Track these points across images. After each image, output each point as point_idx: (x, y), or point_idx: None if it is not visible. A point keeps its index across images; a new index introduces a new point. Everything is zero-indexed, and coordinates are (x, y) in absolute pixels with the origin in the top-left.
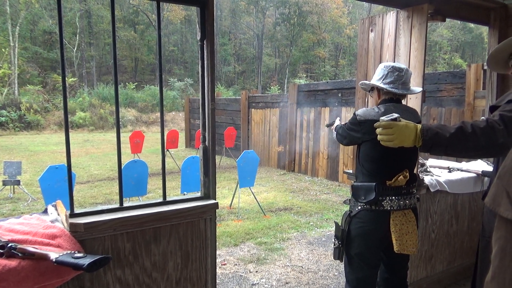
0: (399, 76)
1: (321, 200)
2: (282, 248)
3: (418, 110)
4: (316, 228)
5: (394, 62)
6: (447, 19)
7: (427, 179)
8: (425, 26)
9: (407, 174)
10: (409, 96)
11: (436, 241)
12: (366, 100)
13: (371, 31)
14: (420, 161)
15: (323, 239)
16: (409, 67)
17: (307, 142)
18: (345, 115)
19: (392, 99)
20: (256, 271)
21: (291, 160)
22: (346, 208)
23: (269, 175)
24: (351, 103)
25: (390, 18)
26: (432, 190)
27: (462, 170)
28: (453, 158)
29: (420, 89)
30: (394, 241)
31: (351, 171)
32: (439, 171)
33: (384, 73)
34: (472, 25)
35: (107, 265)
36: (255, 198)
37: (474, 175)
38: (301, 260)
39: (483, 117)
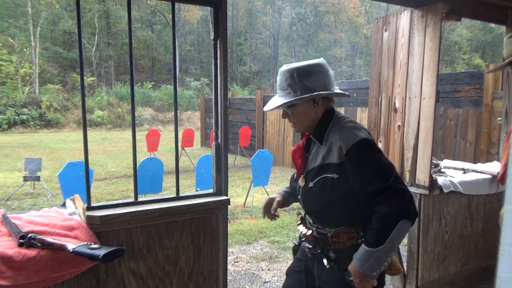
0: (333, 74)
1: None
2: None
3: (433, 110)
4: None
5: (407, 61)
6: (465, 19)
7: (440, 180)
8: (439, 25)
9: None
10: (422, 96)
11: (450, 242)
12: (379, 100)
13: (385, 30)
14: (434, 161)
15: None
16: (423, 66)
17: None
18: (360, 115)
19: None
20: (269, 269)
21: None
22: None
23: (284, 174)
24: (366, 103)
25: (404, 17)
26: (445, 190)
27: (477, 172)
28: (469, 159)
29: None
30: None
31: None
32: (454, 172)
33: (332, 78)
34: (493, 24)
35: (122, 257)
36: None
37: (490, 176)
38: None
39: (499, 118)
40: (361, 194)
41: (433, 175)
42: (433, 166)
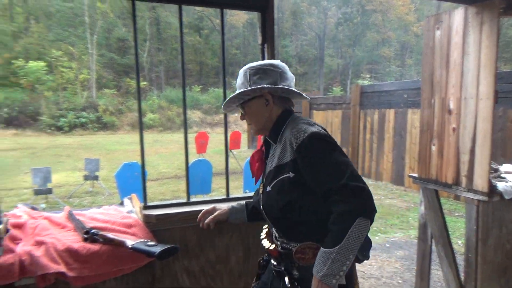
0: (293, 78)
1: (385, 205)
2: None
3: (491, 112)
4: (379, 234)
5: (462, 60)
6: None
7: (501, 186)
8: (496, 22)
9: None
10: (479, 96)
11: None
12: (432, 101)
13: (437, 29)
14: (493, 166)
15: (386, 245)
16: (479, 65)
17: (371, 144)
18: (411, 117)
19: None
20: None
21: (354, 163)
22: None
23: None
24: (418, 105)
25: (458, 14)
26: (507, 197)
27: None
28: None
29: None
30: None
31: (416, 175)
32: None
33: (286, 79)
34: None
35: (176, 255)
36: None
37: None
38: (363, 266)
39: None
40: (318, 193)
41: (492, 181)
42: (492, 171)
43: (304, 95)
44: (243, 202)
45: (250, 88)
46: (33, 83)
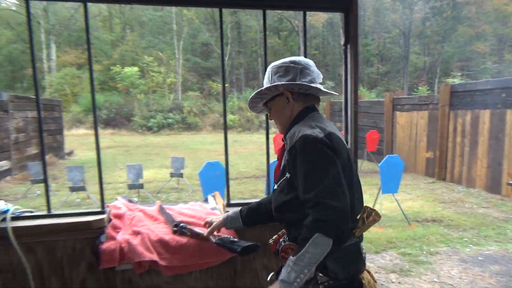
0: (318, 74)
1: (478, 215)
2: (429, 262)
3: None
4: (471, 245)
5: None
6: None
7: None
8: None
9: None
10: None
11: None
12: None
13: None
14: None
15: (479, 258)
16: None
17: (462, 148)
18: (511, 119)
19: (315, 106)
20: (399, 282)
21: (442, 168)
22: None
23: (415, 182)
24: None
25: None
26: None
27: None
28: None
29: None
30: None
31: None
32: None
33: (308, 74)
34: None
35: (256, 253)
36: (399, 206)
37: None
38: (451, 278)
39: None
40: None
41: None
42: None
43: (324, 89)
44: (238, 209)
45: (265, 87)
46: (127, 87)
